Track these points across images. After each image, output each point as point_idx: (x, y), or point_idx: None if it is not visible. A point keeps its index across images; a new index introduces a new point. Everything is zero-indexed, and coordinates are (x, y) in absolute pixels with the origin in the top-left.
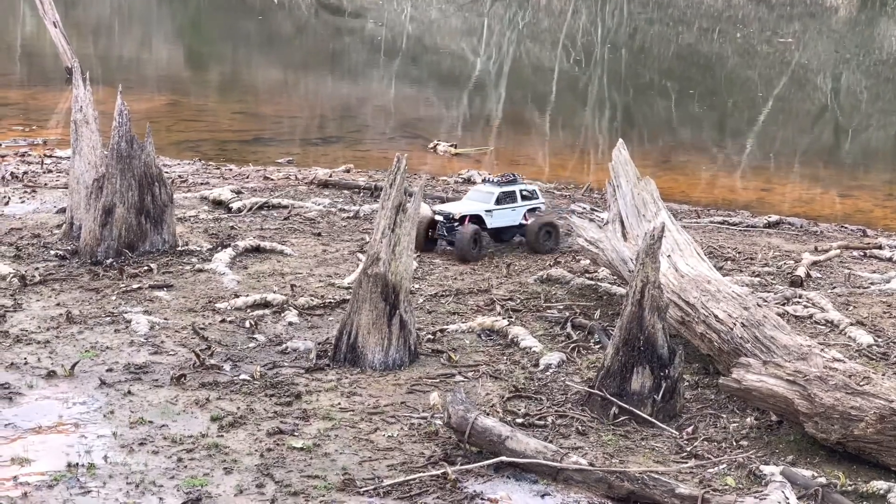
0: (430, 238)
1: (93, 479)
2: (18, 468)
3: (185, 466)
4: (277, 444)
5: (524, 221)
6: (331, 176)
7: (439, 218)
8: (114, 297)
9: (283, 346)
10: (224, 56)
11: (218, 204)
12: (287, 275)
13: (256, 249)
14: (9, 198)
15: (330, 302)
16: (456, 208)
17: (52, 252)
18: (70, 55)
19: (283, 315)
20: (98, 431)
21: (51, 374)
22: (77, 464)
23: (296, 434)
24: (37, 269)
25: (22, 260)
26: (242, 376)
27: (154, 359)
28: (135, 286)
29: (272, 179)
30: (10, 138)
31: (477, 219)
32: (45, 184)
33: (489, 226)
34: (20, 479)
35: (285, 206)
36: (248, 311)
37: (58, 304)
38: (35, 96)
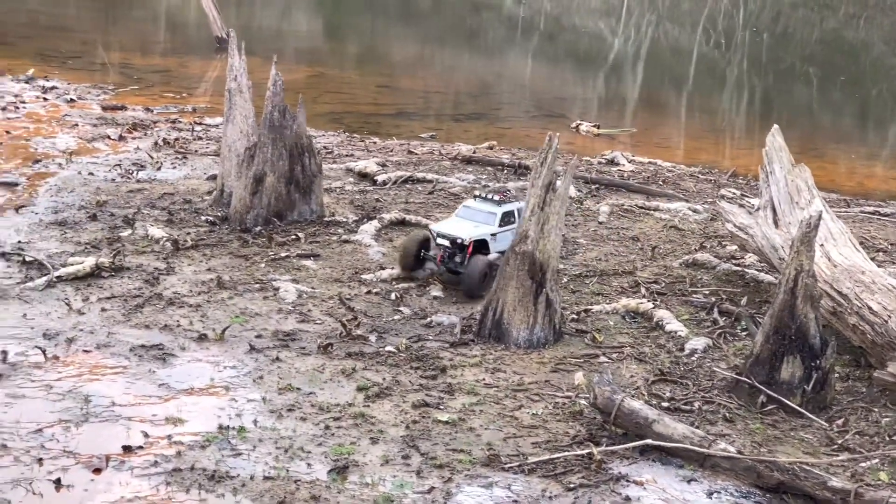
0: (419, 258)
1: (243, 442)
2: (172, 427)
3: (333, 434)
4: (423, 417)
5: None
6: (474, 152)
7: (442, 242)
8: (262, 265)
9: (428, 319)
10: (363, 29)
11: (363, 176)
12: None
13: (402, 222)
14: (161, 163)
15: None
16: (462, 231)
17: (203, 218)
18: (220, 25)
19: (427, 289)
20: (248, 396)
21: (202, 338)
22: (228, 426)
23: (441, 407)
24: (188, 233)
25: (174, 224)
26: (388, 348)
27: (301, 327)
28: (283, 254)
29: (416, 154)
30: (161, 105)
31: (481, 244)
32: (196, 150)
33: (491, 251)
34: (174, 439)
35: (430, 181)
36: (394, 283)
37: (208, 269)
38: (184, 64)
